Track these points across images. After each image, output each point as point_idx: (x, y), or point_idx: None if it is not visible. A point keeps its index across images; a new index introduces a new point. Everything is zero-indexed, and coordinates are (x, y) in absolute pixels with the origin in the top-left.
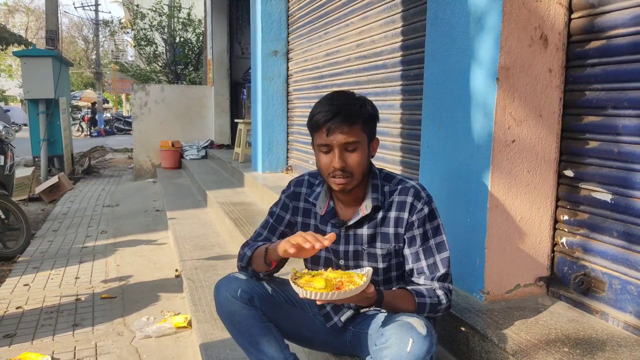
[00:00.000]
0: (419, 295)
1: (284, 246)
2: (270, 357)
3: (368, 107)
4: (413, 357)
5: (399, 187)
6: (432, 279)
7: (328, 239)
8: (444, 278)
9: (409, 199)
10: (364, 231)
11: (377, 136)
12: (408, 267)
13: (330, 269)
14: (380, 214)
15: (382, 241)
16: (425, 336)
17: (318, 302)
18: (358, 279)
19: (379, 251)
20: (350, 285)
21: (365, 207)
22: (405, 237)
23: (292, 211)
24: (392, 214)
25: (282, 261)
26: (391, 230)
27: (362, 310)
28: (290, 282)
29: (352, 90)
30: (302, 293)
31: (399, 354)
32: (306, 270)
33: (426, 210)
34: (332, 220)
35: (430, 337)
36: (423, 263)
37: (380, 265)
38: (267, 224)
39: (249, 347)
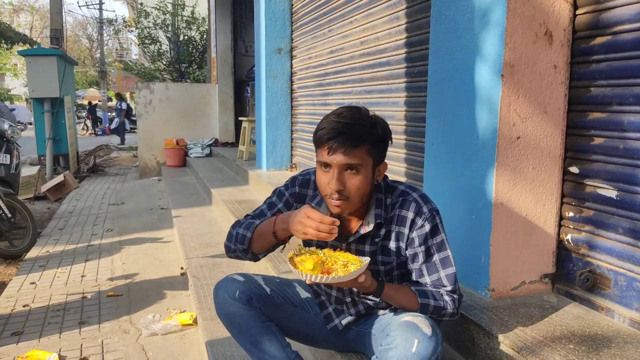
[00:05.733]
0: (422, 295)
1: (297, 228)
2: (272, 356)
3: (378, 128)
4: (419, 357)
5: (400, 199)
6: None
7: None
8: (450, 293)
9: (410, 215)
10: (366, 248)
11: (386, 160)
12: (413, 280)
13: (338, 249)
14: (382, 230)
15: (384, 254)
16: (431, 336)
17: (307, 282)
18: (353, 266)
19: (381, 267)
20: (339, 272)
21: (367, 224)
22: (407, 252)
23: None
24: (394, 228)
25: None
26: (392, 244)
27: (363, 300)
28: (287, 259)
29: (366, 108)
30: (295, 272)
31: (405, 354)
32: (313, 248)
33: (427, 227)
34: None
35: (436, 337)
36: (427, 279)
37: (384, 278)
38: (273, 207)
39: (250, 346)
